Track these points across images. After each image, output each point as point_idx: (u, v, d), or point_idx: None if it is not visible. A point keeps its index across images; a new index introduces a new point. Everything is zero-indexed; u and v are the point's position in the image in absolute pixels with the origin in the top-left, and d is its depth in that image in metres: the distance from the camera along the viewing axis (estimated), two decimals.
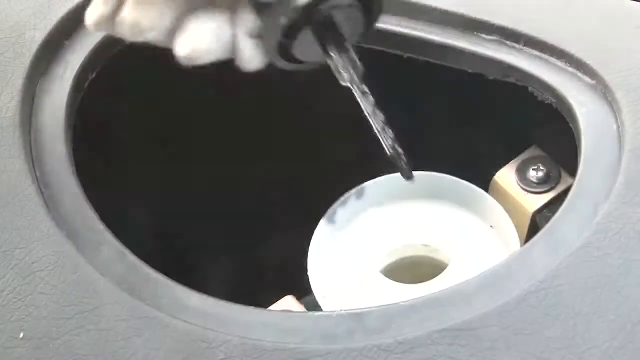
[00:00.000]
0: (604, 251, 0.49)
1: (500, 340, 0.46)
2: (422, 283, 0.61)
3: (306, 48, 0.48)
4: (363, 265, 0.64)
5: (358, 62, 0.49)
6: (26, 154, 0.57)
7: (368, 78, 0.49)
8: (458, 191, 0.66)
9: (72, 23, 0.64)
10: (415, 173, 0.57)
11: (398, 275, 0.63)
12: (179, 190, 0.80)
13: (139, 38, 0.48)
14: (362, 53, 0.49)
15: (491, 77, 0.62)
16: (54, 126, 0.59)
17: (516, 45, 0.61)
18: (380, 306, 0.50)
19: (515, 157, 0.66)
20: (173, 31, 0.47)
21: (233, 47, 0.48)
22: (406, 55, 0.64)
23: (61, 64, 0.63)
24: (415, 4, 0.63)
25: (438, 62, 0.63)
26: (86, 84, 0.63)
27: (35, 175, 0.57)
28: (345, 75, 0.49)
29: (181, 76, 0.52)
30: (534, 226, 0.64)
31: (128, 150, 0.75)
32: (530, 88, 0.60)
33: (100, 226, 0.54)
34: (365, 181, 0.67)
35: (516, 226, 0.62)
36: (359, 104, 0.50)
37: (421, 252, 0.66)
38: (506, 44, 0.62)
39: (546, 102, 0.60)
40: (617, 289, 0.47)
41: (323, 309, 0.61)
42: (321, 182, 0.72)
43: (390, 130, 0.51)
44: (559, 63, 0.60)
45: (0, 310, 0.51)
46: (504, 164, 0.66)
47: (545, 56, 0.60)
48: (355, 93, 0.50)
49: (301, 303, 0.60)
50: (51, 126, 0.59)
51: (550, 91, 0.59)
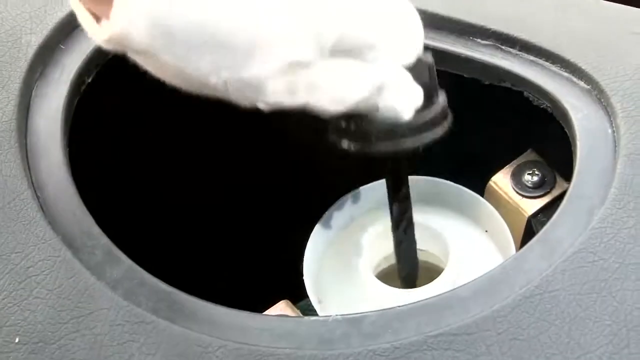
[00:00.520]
0: (600, 256, 0.49)
1: (495, 345, 0.46)
2: (418, 288, 0.61)
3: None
4: (359, 269, 0.64)
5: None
6: (22, 158, 0.57)
7: None
8: (453, 196, 0.66)
9: (68, 27, 0.64)
10: (410, 177, 0.57)
11: (394, 280, 0.63)
12: (175, 194, 0.80)
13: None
14: None
15: (487, 82, 0.62)
16: (50, 130, 0.59)
17: (512, 50, 0.61)
18: (376, 311, 0.50)
19: (510, 162, 0.66)
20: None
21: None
22: None
23: (57, 68, 0.63)
24: None
25: None
26: (82, 88, 0.63)
27: (31, 179, 0.57)
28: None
29: None
30: (530, 231, 0.64)
31: (124, 154, 0.75)
32: (525, 93, 0.60)
33: (96, 230, 0.54)
34: (361, 185, 0.67)
35: (511, 231, 0.62)
36: None
37: None
38: (502, 49, 0.62)
39: (541, 107, 0.60)
40: (613, 294, 0.47)
41: (319, 314, 0.61)
42: (317, 186, 0.72)
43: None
44: (554, 68, 0.60)
45: None
46: (500, 169, 0.66)
47: (540, 61, 0.60)
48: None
49: (297, 307, 0.60)
50: (47, 130, 0.59)
51: (545, 96, 0.59)
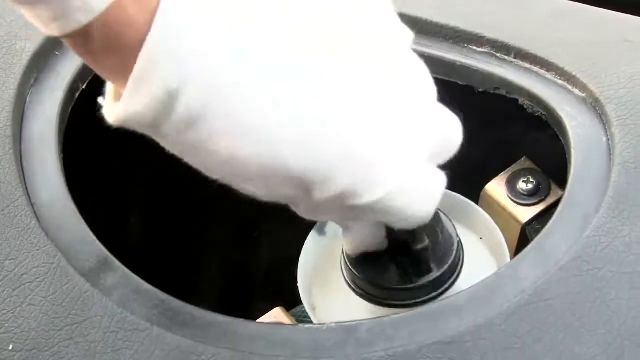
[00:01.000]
0: (594, 265, 0.49)
1: (489, 353, 0.46)
2: None
3: None
4: None
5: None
6: (17, 165, 0.57)
7: None
8: (448, 203, 0.65)
9: None
10: None
11: None
12: (169, 200, 0.80)
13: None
14: None
15: (482, 90, 0.62)
16: (45, 137, 0.59)
17: (507, 58, 0.61)
18: (370, 319, 0.50)
19: (505, 169, 0.66)
20: None
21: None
22: None
23: (52, 75, 0.63)
24: (406, 16, 0.63)
25: None
26: (77, 95, 0.63)
27: (25, 186, 0.57)
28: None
29: None
30: (524, 238, 0.64)
31: (119, 160, 0.75)
32: (520, 100, 0.60)
33: (90, 237, 0.54)
34: None
35: (506, 238, 0.62)
36: None
37: None
38: (497, 57, 0.62)
39: (536, 115, 0.60)
40: (607, 303, 0.47)
41: (313, 321, 0.61)
42: None
43: None
44: (550, 76, 0.60)
45: None
46: (494, 176, 0.66)
47: (535, 69, 0.60)
48: None
49: (291, 314, 0.60)
50: (42, 137, 0.59)
51: (540, 104, 0.59)
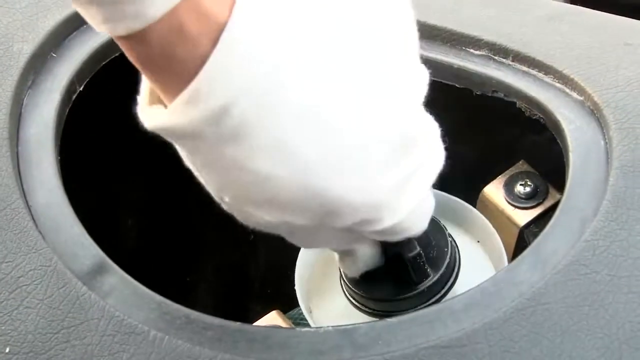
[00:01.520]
0: (592, 268, 0.49)
1: (487, 358, 0.46)
2: None
3: None
4: None
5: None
6: (13, 167, 0.57)
7: None
8: (445, 206, 0.66)
9: (60, 36, 0.63)
10: None
11: None
12: (167, 203, 0.80)
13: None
14: None
15: (479, 92, 0.62)
16: (42, 139, 0.59)
17: (505, 60, 0.61)
18: (367, 322, 0.50)
19: (503, 173, 0.66)
20: None
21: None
22: None
23: (49, 77, 0.63)
24: None
25: None
26: (74, 97, 0.63)
27: (22, 188, 0.56)
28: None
29: None
30: (522, 241, 0.64)
31: (116, 163, 0.75)
32: (518, 103, 0.60)
33: (87, 240, 0.54)
34: None
35: (503, 241, 0.62)
36: None
37: None
38: (495, 60, 0.62)
39: (534, 118, 0.60)
40: (605, 307, 0.47)
41: (310, 324, 0.61)
42: None
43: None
44: (547, 79, 0.60)
45: None
46: (492, 179, 0.66)
47: (533, 72, 0.60)
48: None
49: (287, 316, 0.60)
50: (39, 139, 0.59)
51: (538, 107, 0.59)
